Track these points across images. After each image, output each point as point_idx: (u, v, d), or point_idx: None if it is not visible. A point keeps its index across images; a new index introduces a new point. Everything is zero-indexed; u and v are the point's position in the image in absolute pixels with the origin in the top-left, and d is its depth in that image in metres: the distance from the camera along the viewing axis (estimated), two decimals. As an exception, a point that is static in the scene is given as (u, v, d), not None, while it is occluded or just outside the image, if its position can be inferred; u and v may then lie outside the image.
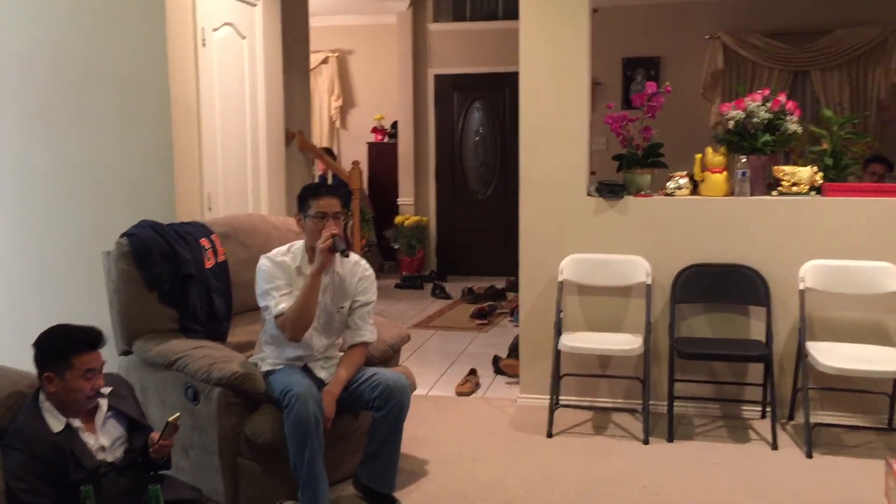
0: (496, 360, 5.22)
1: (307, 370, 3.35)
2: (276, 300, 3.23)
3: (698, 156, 4.40)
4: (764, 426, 4.13)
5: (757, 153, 4.25)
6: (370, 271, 3.47)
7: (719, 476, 3.63)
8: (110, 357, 3.54)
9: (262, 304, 3.31)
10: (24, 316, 3.92)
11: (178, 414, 2.70)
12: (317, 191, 3.34)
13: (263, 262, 3.32)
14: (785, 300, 4.20)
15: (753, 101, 4.25)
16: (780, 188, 4.26)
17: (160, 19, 3.91)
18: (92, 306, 3.77)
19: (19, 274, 4.17)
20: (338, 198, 3.34)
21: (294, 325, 3.20)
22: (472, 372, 5.03)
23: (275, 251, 3.36)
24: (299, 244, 3.37)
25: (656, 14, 7.85)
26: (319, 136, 9.50)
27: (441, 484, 3.57)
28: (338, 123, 9.61)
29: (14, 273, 4.17)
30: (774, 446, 3.92)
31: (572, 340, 4.20)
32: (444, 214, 9.08)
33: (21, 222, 4.15)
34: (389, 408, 3.26)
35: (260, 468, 3.25)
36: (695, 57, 7.76)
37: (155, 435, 2.68)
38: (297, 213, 3.38)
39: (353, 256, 3.41)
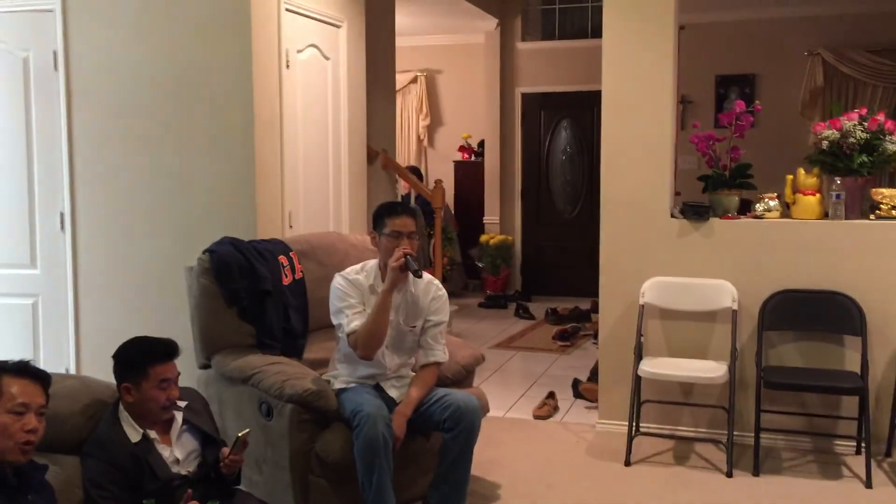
0: (576, 383, 5.12)
1: (379, 389, 3.35)
2: (349, 318, 3.24)
3: (789, 177, 4.23)
4: (858, 462, 3.91)
5: (853, 175, 4.05)
6: (443, 291, 3.45)
7: (807, 514, 3.46)
8: (191, 370, 3.65)
9: (335, 322, 3.33)
10: (113, 329, 4.05)
11: (247, 430, 2.72)
12: (393, 209, 3.34)
13: (337, 280, 3.34)
14: (882, 329, 3.98)
15: (849, 121, 4.06)
16: (878, 212, 4.05)
17: (246, 43, 4.01)
18: (177, 321, 3.88)
19: (109, 288, 4.32)
20: (414, 218, 3.33)
21: (366, 344, 3.21)
22: (551, 395, 4.94)
23: (349, 269, 3.38)
24: (373, 262, 3.38)
25: (751, 30, 7.63)
26: (407, 155, 9.59)
27: (512, 509, 3.51)
28: (425, 142, 9.68)
29: (104, 288, 4.33)
30: (868, 484, 3.70)
31: (652, 366, 4.08)
32: (529, 233, 9.01)
33: (111, 238, 4.30)
34: (459, 429, 3.21)
35: (330, 486, 3.26)
36: (792, 74, 7.50)
37: (226, 450, 2.71)
38: (371, 231, 3.39)
39: (426, 276, 3.40)
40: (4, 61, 4.32)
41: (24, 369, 2.26)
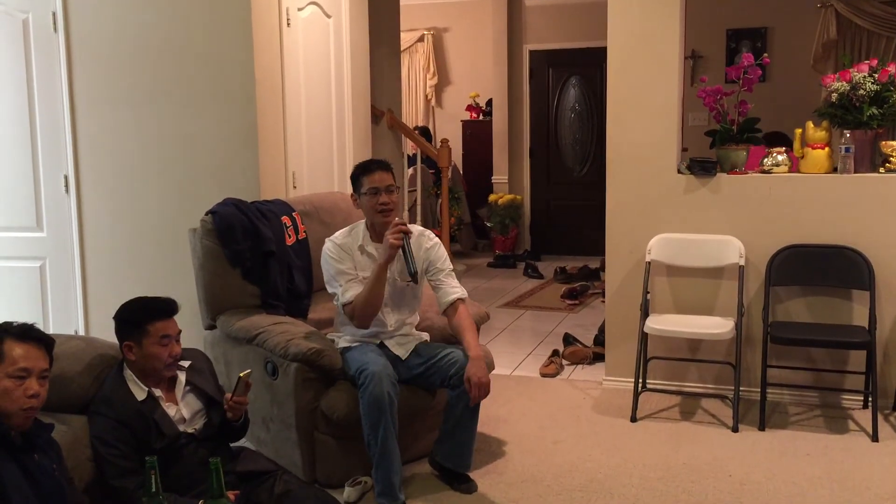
0: (567, 340, 5.11)
1: (383, 347, 3.36)
2: (343, 288, 3.25)
3: (798, 131, 4.17)
4: (865, 416, 3.91)
5: (862, 128, 3.98)
6: (435, 239, 3.43)
7: (811, 467, 3.46)
8: (197, 331, 3.67)
9: (329, 290, 3.34)
10: (120, 291, 4.04)
11: (248, 370, 2.73)
12: (367, 167, 3.31)
13: (327, 246, 3.34)
14: (891, 283, 3.95)
15: (859, 72, 3.98)
16: (888, 165, 4.00)
17: (245, 0, 3.96)
18: (183, 282, 3.89)
19: (114, 251, 4.33)
20: (390, 172, 3.32)
21: (362, 314, 3.22)
22: (556, 353, 4.94)
23: (337, 234, 3.38)
24: (360, 223, 3.38)
25: (763, -18, 7.47)
26: (415, 115, 9.53)
27: (518, 466, 3.52)
28: (433, 102, 9.61)
29: (109, 251, 4.34)
30: (875, 438, 3.70)
31: (659, 323, 4.07)
32: (538, 193, 8.96)
33: (115, 200, 4.30)
34: (464, 386, 3.22)
35: (336, 443, 3.29)
36: (805, 27, 7.33)
37: (228, 395, 2.72)
38: (351, 194, 3.38)
39: (417, 228, 3.40)
40: (4, 23, 4.29)
41: (27, 333, 2.24)
